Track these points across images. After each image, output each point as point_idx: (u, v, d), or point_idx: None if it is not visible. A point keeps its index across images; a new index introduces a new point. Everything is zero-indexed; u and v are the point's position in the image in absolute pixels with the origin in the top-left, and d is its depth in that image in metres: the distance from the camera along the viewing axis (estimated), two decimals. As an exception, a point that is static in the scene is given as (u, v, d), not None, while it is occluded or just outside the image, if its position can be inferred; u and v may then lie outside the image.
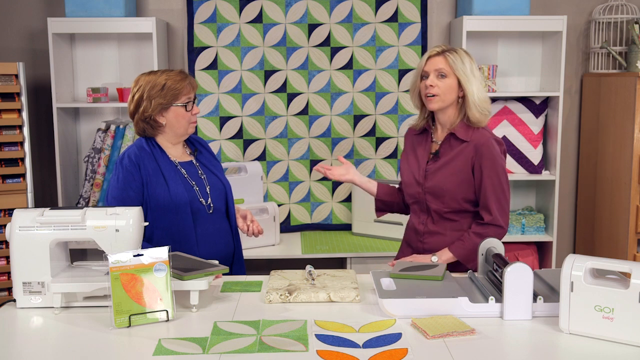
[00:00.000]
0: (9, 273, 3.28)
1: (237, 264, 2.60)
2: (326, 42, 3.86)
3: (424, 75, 2.46)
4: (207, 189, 2.50)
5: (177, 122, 2.46)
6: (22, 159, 3.38)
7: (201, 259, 2.20)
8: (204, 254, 2.42)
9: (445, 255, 2.43)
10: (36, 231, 2.02)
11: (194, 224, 2.44)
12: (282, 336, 1.80)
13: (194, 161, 2.55)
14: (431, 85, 2.41)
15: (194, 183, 2.47)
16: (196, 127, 3.78)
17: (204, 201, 2.48)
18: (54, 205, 3.73)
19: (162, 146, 2.49)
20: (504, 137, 3.82)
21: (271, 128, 3.91)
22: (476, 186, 2.43)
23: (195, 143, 2.63)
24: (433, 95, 2.42)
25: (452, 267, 2.45)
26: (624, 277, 1.80)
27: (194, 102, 2.48)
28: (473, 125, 2.45)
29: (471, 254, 2.42)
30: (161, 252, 1.93)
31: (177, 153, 2.52)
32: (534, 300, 1.91)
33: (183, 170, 2.48)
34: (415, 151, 2.56)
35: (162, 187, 2.41)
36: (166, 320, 1.92)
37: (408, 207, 2.68)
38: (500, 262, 2.03)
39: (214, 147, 3.88)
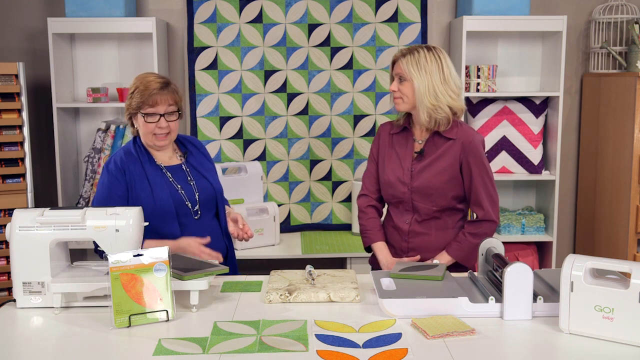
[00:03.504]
0: (9, 273, 3.28)
1: (230, 266, 2.57)
2: (326, 42, 3.86)
3: (393, 79, 2.52)
4: (196, 196, 2.46)
5: (141, 130, 2.42)
6: (22, 159, 3.38)
7: (201, 259, 2.20)
8: None
9: (444, 259, 2.46)
10: (36, 231, 2.01)
11: (181, 229, 2.41)
12: (282, 336, 1.80)
13: (184, 165, 2.50)
14: (393, 90, 2.49)
15: (179, 187, 2.43)
16: (196, 127, 3.85)
17: (190, 206, 2.44)
18: (54, 205, 3.73)
19: (150, 150, 2.46)
20: (504, 137, 3.82)
21: (271, 128, 3.91)
22: (466, 183, 2.46)
23: (186, 144, 2.56)
24: (397, 98, 2.48)
25: (452, 266, 2.46)
26: (624, 277, 1.80)
27: (162, 116, 2.37)
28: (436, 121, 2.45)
29: (469, 254, 2.45)
30: (161, 252, 1.93)
31: (165, 157, 2.48)
32: (534, 300, 1.91)
33: (169, 174, 2.44)
34: (395, 150, 2.56)
35: (146, 192, 2.38)
36: (166, 320, 1.92)
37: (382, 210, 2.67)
38: (500, 262, 2.03)
39: (214, 147, 3.88)
